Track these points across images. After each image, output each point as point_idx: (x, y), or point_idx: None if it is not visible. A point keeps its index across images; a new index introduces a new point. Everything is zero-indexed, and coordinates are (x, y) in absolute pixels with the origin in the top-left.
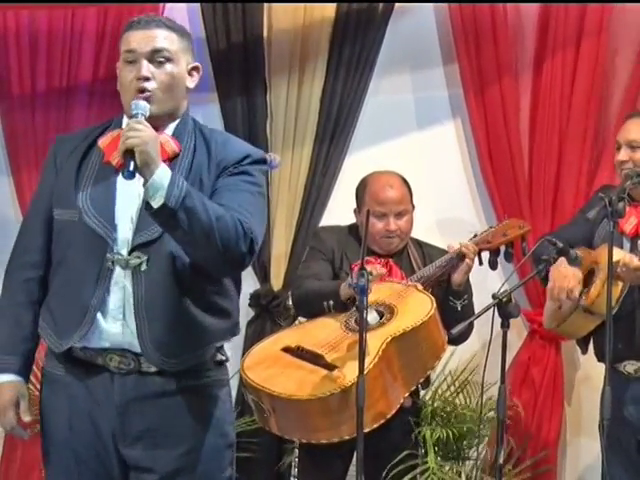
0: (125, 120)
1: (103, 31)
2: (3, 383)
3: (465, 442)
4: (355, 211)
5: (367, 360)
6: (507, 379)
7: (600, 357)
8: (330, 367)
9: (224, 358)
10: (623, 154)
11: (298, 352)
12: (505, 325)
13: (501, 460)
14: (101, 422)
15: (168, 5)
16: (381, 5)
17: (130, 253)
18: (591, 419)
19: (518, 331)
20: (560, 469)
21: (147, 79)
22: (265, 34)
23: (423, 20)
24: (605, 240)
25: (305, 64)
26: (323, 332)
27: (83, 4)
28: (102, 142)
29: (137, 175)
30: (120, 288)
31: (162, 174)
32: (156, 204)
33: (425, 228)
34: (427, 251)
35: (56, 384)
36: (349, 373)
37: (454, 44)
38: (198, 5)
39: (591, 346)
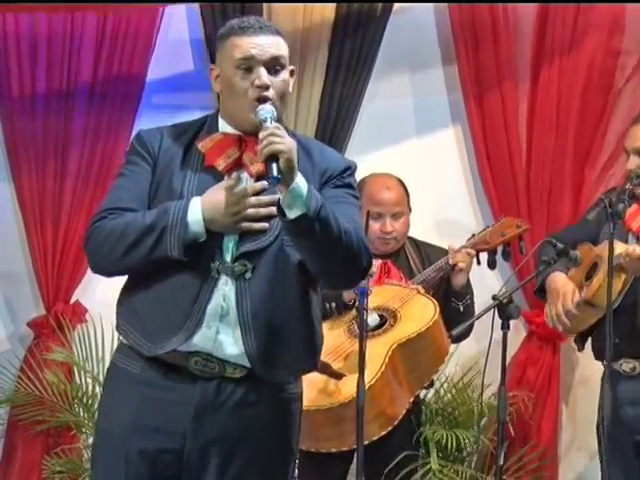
0: (221, 123)
1: (103, 34)
2: (197, 201)
3: (465, 443)
4: None
5: (374, 369)
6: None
7: (597, 354)
8: (337, 376)
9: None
10: (632, 162)
11: None
12: (505, 327)
13: (501, 461)
14: (173, 423)
15: (167, 6)
16: (380, 5)
17: (235, 261)
18: (589, 420)
19: (516, 332)
20: (559, 469)
21: (267, 87)
22: None
23: (422, 21)
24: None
25: (304, 66)
26: (327, 339)
27: (82, 4)
28: (202, 146)
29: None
30: (219, 295)
31: (301, 183)
32: (294, 214)
33: (424, 230)
34: (425, 250)
35: (129, 381)
36: (356, 382)
37: (454, 47)
38: (197, 6)
39: (589, 345)
